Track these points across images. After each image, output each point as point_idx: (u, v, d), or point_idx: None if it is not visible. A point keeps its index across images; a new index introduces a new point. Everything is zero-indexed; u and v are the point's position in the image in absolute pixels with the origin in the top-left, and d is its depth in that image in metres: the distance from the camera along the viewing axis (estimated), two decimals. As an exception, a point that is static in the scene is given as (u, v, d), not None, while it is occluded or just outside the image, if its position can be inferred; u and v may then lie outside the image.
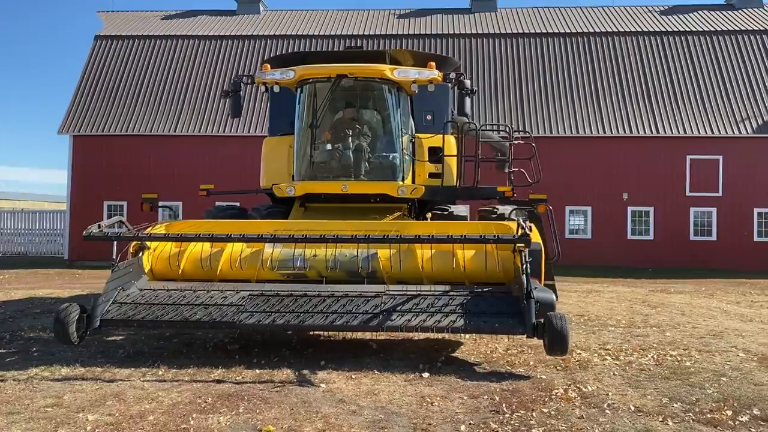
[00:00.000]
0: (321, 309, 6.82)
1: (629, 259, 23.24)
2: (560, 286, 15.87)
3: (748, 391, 5.93)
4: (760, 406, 5.46)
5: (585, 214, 23.92)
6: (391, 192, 9.19)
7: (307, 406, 5.23)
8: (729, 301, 13.05)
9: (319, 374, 6.31)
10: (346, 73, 8.91)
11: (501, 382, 6.09)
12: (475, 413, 5.15)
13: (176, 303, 7.03)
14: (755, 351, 7.81)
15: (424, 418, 4.99)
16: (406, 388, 5.86)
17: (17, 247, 28.98)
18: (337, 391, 5.69)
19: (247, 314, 6.76)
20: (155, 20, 29.61)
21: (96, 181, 25.14)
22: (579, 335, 8.83)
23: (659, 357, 7.41)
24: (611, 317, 10.50)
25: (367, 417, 5.00)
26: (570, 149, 23.85)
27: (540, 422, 4.94)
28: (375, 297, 7.00)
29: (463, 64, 25.92)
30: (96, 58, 27.15)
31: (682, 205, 23.57)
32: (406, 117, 9.65)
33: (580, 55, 25.68)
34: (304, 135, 9.29)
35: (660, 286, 16.62)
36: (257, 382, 5.97)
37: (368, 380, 6.11)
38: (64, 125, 25.40)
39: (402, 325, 6.58)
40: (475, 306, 6.83)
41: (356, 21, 28.60)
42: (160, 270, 7.94)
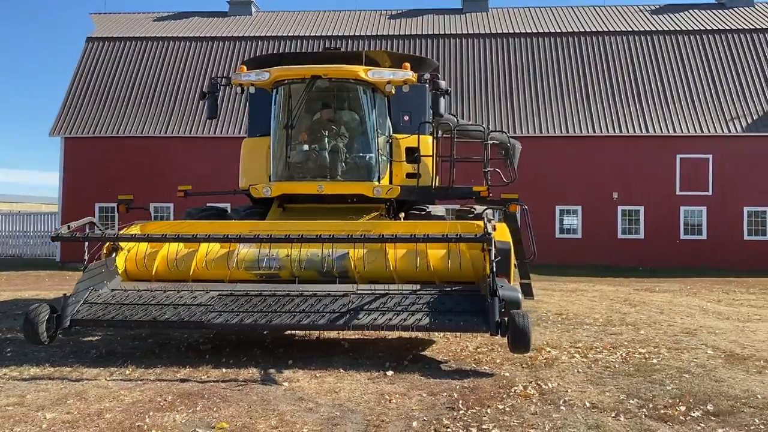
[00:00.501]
0: (289, 308, 6.88)
1: (619, 258, 23.29)
2: (547, 285, 16.04)
3: (707, 388, 5.99)
4: (715, 402, 5.52)
5: (575, 213, 23.97)
6: (366, 192, 9.25)
7: (266, 404, 5.29)
8: (711, 300, 13.11)
9: (284, 373, 6.37)
10: (320, 74, 8.98)
11: (463, 380, 6.15)
12: (431, 410, 5.21)
13: (146, 303, 7.09)
14: (724, 348, 7.87)
15: (379, 415, 5.05)
16: (367, 386, 5.92)
17: (11, 249, 29.06)
18: (299, 390, 5.76)
19: (215, 314, 6.82)
20: (147, 22, 29.68)
21: (88, 182, 25.21)
22: (553, 333, 8.90)
23: (628, 354, 7.47)
24: (589, 316, 10.56)
25: (323, 414, 5.06)
26: (560, 149, 23.91)
27: (493, 418, 5.00)
28: (343, 296, 7.06)
29: (453, 64, 26.03)
30: (88, 61, 27.22)
31: (672, 204, 23.62)
32: (382, 118, 9.71)
33: (571, 55, 25.74)
34: (280, 136, 9.36)
35: (646, 285, 16.69)
36: (221, 381, 6.03)
37: (332, 378, 6.17)
38: (56, 127, 25.47)
39: (368, 324, 6.65)
40: (442, 304, 6.89)
41: (347, 22, 28.67)
42: (134, 271, 8.00)
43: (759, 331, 9.14)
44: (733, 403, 5.52)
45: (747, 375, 6.56)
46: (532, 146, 24.03)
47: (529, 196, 23.83)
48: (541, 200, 23.86)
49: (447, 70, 25.77)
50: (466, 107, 24.91)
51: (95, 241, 7.35)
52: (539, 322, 9.84)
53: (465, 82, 25.50)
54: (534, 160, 23.99)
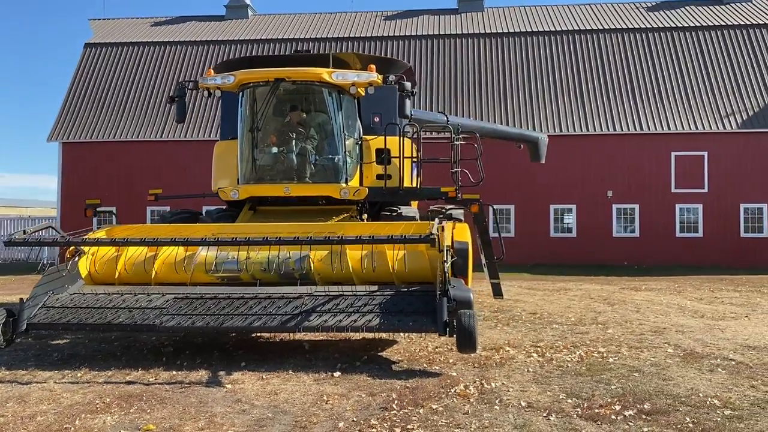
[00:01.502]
0: (242, 311, 6.93)
1: (614, 257, 23.20)
2: (534, 284, 16.01)
3: (652, 387, 5.98)
4: (653, 401, 5.51)
5: (570, 212, 23.88)
6: (333, 194, 9.29)
7: (201, 406, 5.34)
8: (693, 298, 13.03)
9: (233, 375, 6.42)
10: (283, 77, 9.03)
11: (408, 380, 6.17)
12: (364, 410, 5.24)
13: (102, 306, 7.17)
14: (686, 347, 7.84)
15: (310, 416, 5.08)
16: (311, 387, 5.96)
17: (19, 254, 29.25)
18: (240, 392, 5.80)
19: (169, 317, 6.88)
20: (145, 27, 29.89)
21: (85, 187, 25.38)
22: (519, 333, 8.89)
23: (586, 354, 7.46)
24: (563, 315, 10.54)
25: (254, 416, 5.10)
26: (554, 148, 23.70)
27: (422, 418, 5.02)
28: (297, 298, 7.10)
29: (449, 64, 26.01)
30: (85, 66, 27.46)
31: (668, 201, 23.49)
32: (351, 119, 9.73)
33: (565, 54, 25.66)
34: (247, 139, 9.42)
35: (635, 283, 16.60)
36: (167, 383, 6.09)
37: (278, 380, 6.21)
38: (53, 133, 25.71)
39: (318, 326, 6.69)
40: (394, 305, 6.92)
41: (343, 24, 28.74)
42: (99, 274, 8.09)
43: (727, 330, 9.08)
44: (672, 401, 5.51)
45: (698, 373, 6.53)
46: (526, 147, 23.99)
47: (523, 195, 23.88)
48: (535, 199, 23.84)
49: (441, 70, 25.80)
50: (461, 107, 24.88)
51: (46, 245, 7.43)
52: (509, 321, 9.84)
53: (460, 82, 25.49)
54: (528, 160, 23.95)
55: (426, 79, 25.60)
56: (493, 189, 23.88)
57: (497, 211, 10.39)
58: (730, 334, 8.77)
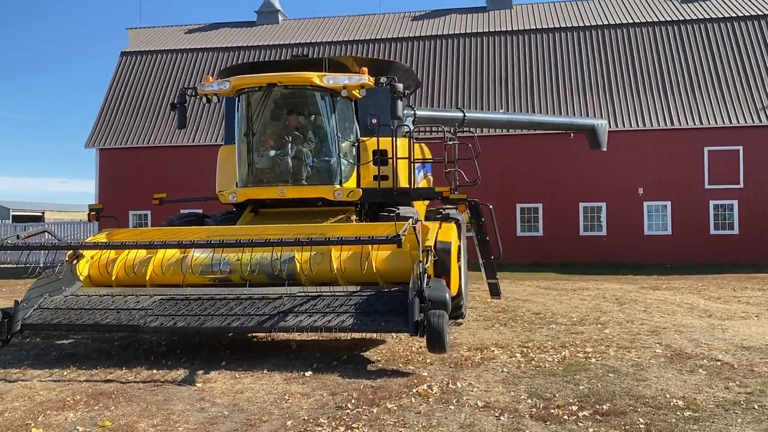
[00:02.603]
0: (222, 312, 7.10)
1: (646, 255, 22.69)
2: (553, 284, 15.81)
3: (620, 387, 5.89)
4: (615, 402, 5.44)
5: (599, 210, 23.46)
6: (327, 195, 9.41)
7: (164, 404, 5.51)
8: (711, 297, 12.68)
9: (210, 374, 6.58)
10: (275, 82, 9.19)
11: (376, 380, 6.23)
12: (319, 409, 5.32)
13: (93, 308, 7.44)
14: (676, 347, 7.68)
15: (263, 415, 5.20)
16: (278, 386, 6.07)
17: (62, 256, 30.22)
18: (207, 390, 5.96)
19: (153, 318, 7.11)
20: (179, 34, 30.62)
21: (122, 191, 26.17)
22: (513, 332, 8.84)
23: (571, 354, 7.38)
24: (567, 315, 10.41)
25: (210, 414, 5.24)
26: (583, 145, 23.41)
27: (372, 417, 5.07)
28: (277, 299, 7.24)
29: (476, 62, 25.86)
30: (121, 74, 28.31)
31: (701, 198, 22.85)
32: (348, 122, 9.82)
33: (594, 49, 25.23)
34: (243, 143, 9.61)
35: (659, 282, 16.23)
36: (143, 382, 6.30)
37: (250, 379, 6.35)
38: (91, 139, 26.58)
39: (293, 326, 6.81)
40: (370, 305, 6.99)
41: (371, 26, 28.88)
42: (96, 276, 8.40)
43: (729, 330, 8.84)
44: (634, 402, 5.43)
45: (676, 374, 6.41)
46: (553, 143, 23.71)
47: (551, 193, 23.60)
48: (563, 198, 23.52)
49: (468, 69, 25.68)
50: (488, 105, 24.71)
51: (36, 250, 7.74)
52: (508, 321, 9.77)
53: (487, 80, 25.32)
54: (556, 157, 23.67)
55: (452, 77, 25.54)
56: (520, 187, 23.79)
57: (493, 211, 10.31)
58: (730, 334, 8.54)
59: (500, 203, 23.75)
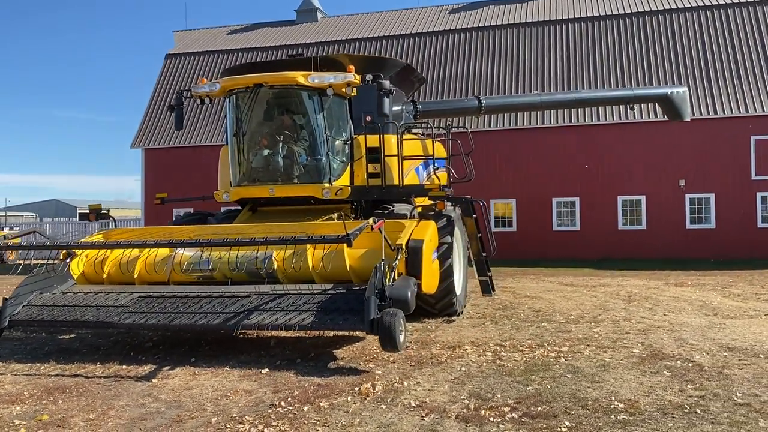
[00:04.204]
0: (192, 309, 7.29)
1: (688, 250, 21.85)
2: (575, 280, 15.43)
3: (569, 389, 5.76)
4: (553, 404, 5.33)
5: (639, 204, 22.73)
6: (315, 194, 9.51)
7: (110, 399, 5.71)
8: (731, 294, 12.13)
9: (174, 370, 6.78)
10: (262, 82, 9.32)
11: (328, 377, 6.28)
12: (252, 407, 5.41)
13: (76, 305, 7.76)
14: (656, 347, 7.43)
15: (196, 411, 5.32)
16: (229, 383, 6.20)
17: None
18: (159, 386, 6.14)
19: (127, 315, 7.35)
20: (222, 36, 31.28)
21: (165, 189, 26.84)
22: (498, 331, 8.70)
23: (543, 354, 7.24)
24: (566, 312, 10.17)
25: (146, 410, 5.40)
26: (620, 136, 22.78)
27: (298, 416, 5.13)
28: (245, 297, 7.38)
29: (511, 53, 25.40)
30: (166, 76, 29.14)
31: (747, 190, 21.82)
32: (338, 119, 9.88)
33: (635, 36, 24.40)
34: (235, 143, 9.80)
35: (689, 278, 15.59)
36: (105, 377, 6.54)
37: (207, 376, 6.50)
38: (137, 140, 27.51)
39: (255, 324, 6.94)
40: (333, 304, 7.04)
41: (408, 21, 28.77)
42: (90, 274, 8.76)
43: (725, 329, 8.47)
44: (572, 405, 5.30)
45: (638, 375, 6.21)
46: (590, 134, 23.15)
47: (588, 187, 23.02)
48: (601, 191, 22.91)
49: (503, 59, 25.29)
50: (524, 98, 24.25)
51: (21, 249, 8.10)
52: (501, 319, 9.62)
53: (522, 71, 24.85)
54: (592, 149, 23.08)
55: (488, 69, 25.18)
56: (554, 181, 23.30)
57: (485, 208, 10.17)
58: (723, 333, 8.18)
59: (535, 197, 23.48)
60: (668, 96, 14.93)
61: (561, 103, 16.90)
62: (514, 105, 16.36)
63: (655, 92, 16.07)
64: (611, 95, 17.01)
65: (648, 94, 16.05)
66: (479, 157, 23.96)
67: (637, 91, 16.42)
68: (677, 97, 14.84)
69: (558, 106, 17.96)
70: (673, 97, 14.84)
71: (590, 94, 17.73)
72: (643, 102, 16.84)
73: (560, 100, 16.63)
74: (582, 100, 16.66)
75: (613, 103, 18.07)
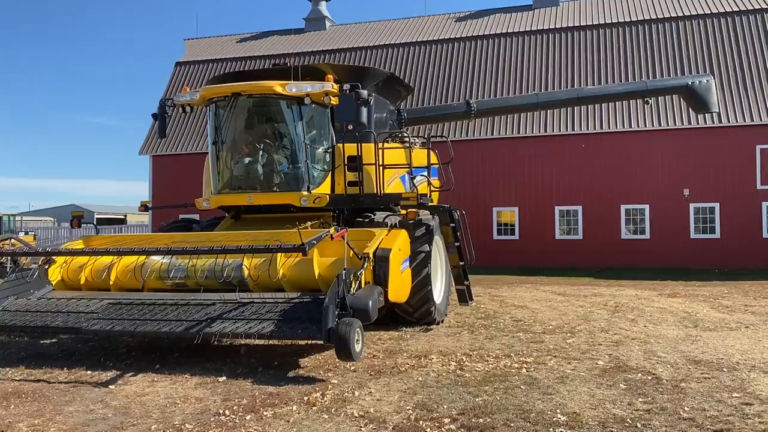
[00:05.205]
0: (158, 317, 7.37)
1: (693, 260, 21.58)
2: (568, 290, 15.31)
3: (517, 401, 5.75)
4: (496, 416, 5.33)
5: (642, 213, 22.52)
6: (293, 202, 9.57)
7: (63, 405, 5.80)
8: (720, 306, 11.95)
9: (137, 376, 6.86)
10: (240, 91, 9.42)
11: (282, 386, 6.32)
12: (197, 415, 5.47)
13: (48, 311, 7.88)
14: (622, 359, 7.38)
15: (141, 418, 5.39)
16: (183, 391, 6.26)
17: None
18: (114, 392, 6.22)
19: (95, 321, 7.46)
20: (231, 44, 31.58)
21: (173, 195, 27.14)
22: (470, 340, 8.67)
23: (507, 365, 7.22)
24: (546, 322, 10.11)
25: (94, 416, 5.49)
26: (625, 145, 22.60)
27: (237, 424, 5.18)
28: (210, 305, 7.44)
29: (518, 61, 25.30)
30: (175, 83, 29.46)
31: (753, 199, 21.53)
32: (320, 128, 9.94)
33: (639, 44, 24.24)
34: (215, 151, 9.90)
35: (682, 289, 15.41)
36: (65, 382, 6.64)
37: (164, 383, 6.56)
38: (145, 147, 27.82)
39: (216, 332, 6.98)
40: (294, 313, 7.08)
41: (414, 29, 28.83)
42: (68, 280, 8.89)
43: (699, 342, 8.38)
44: (513, 417, 5.29)
45: (592, 388, 6.18)
46: (593, 144, 22.99)
47: (591, 195, 22.87)
48: (604, 200, 22.74)
49: (508, 68, 25.24)
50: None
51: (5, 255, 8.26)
52: (478, 329, 9.58)
53: (527, 79, 24.78)
54: (595, 158, 22.92)
55: (493, 77, 25.14)
56: (559, 189, 23.18)
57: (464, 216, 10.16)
58: (695, 346, 8.10)
59: (537, 206, 23.36)
60: (690, 86, 14.18)
61: (562, 102, 16.19)
62: (508, 107, 15.92)
63: (674, 83, 15.21)
64: (620, 90, 15.92)
65: (666, 86, 15.31)
66: (482, 164, 24.06)
67: (653, 83, 15.67)
68: (700, 87, 14.10)
69: (559, 105, 17.15)
70: (695, 87, 14.11)
71: (595, 90, 16.26)
72: (660, 95, 16.07)
73: (561, 99, 15.98)
74: (585, 98, 15.61)
75: (623, 98, 16.88)
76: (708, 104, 14.28)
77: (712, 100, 14.36)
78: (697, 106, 14.52)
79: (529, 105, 15.28)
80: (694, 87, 14.17)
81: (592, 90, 16.30)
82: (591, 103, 18.67)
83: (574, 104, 18.15)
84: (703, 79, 14.42)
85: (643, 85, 15.54)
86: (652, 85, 15.43)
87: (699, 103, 14.31)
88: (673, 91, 15.27)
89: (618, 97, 16.22)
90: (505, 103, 16.16)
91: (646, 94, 14.70)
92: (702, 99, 14.17)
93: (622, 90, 15.91)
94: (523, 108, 16.10)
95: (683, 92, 14.56)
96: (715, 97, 14.48)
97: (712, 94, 14.38)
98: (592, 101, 17.15)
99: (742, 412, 5.37)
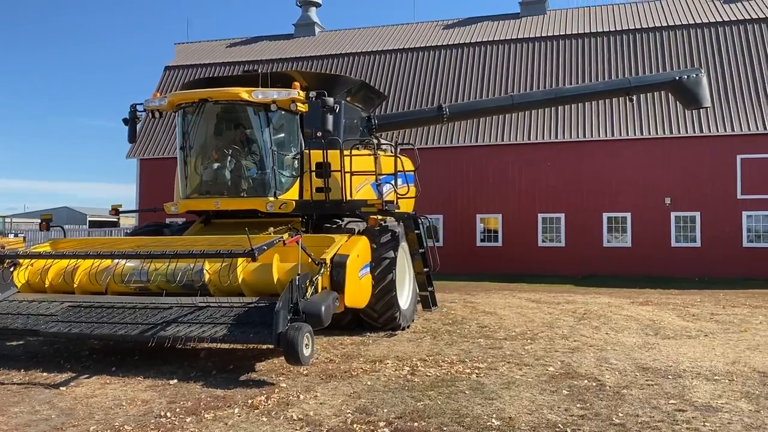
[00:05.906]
0: (115, 320, 7.47)
1: (674, 268, 21.74)
2: (544, 296, 15.42)
3: (457, 406, 5.86)
4: (431, 420, 5.43)
5: (624, 221, 22.67)
6: (260, 207, 9.67)
7: (10, 406, 5.91)
8: (687, 314, 12.06)
9: (91, 378, 6.96)
10: (206, 97, 9.53)
11: (230, 389, 6.42)
12: (140, 417, 5.56)
13: (8, 312, 7.97)
14: (573, 366, 7.49)
15: (82, 420, 5.49)
16: (131, 393, 6.35)
17: None
18: (64, 394, 6.32)
19: (53, 323, 7.55)
20: (221, 48, 31.72)
21: (161, 198, 27.20)
22: (429, 346, 8.76)
23: (458, 370, 7.32)
24: (511, 329, 10.22)
25: (38, 416, 5.58)
26: (608, 153, 22.77)
27: (175, 426, 5.27)
28: (167, 309, 7.54)
29: (505, 68, 25.46)
30: (164, 88, 29.56)
31: (733, 209, 21.69)
32: (289, 134, 10.05)
33: (624, 53, 24.43)
34: (183, 156, 10.01)
35: (655, 297, 15.52)
36: (23, 383, 6.76)
37: (116, 385, 6.65)
38: (132, 150, 27.91)
39: (170, 336, 7.07)
40: (248, 317, 7.18)
41: (403, 35, 29.00)
42: (33, 283, 8.96)
43: (653, 349, 8.50)
44: (450, 422, 5.39)
45: (535, 394, 6.28)
46: (577, 151, 23.15)
47: (572, 204, 23.01)
48: (585, 208, 22.89)
49: (494, 76, 25.40)
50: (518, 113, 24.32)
51: None
52: (441, 334, 9.68)
53: (513, 86, 24.93)
54: (578, 166, 23.07)
55: (478, 84, 25.29)
56: (541, 197, 23.32)
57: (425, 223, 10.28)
58: (649, 354, 8.21)
59: (520, 213, 23.50)
60: (678, 81, 13.80)
61: (540, 102, 15.68)
62: (482, 109, 15.74)
63: (661, 78, 14.81)
64: (601, 88, 15.50)
65: (653, 81, 14.83)
66: (466, 171, 24.20)
67: (637, 80, 15.22)
68: (690, 82, 13.72)
69: (537, 105, 16.61)
70: (684, 82, 13.73)
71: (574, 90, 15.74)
72: (647, 91, 15.53)
73: (538, 99, 15.56)
74: (564, 97, 15.19)
75: (605, 96, 16.36)
76: (699, 99, 13.91)
77: (704, 94, 13.99)
78: (687, 101, 14.18)
79: (505, 106, 14.98)
80: (683, 81, 13.82)
81: (571, 89, 15.95)
82: (570, 102, 18.10)
83: (552, 104, 17.52)
84: (693, 73, 14.08)
85: (626, 82, 15.01)
86: (636, 81, 14.95)
87: (689, 98, 13.97)
88: (660, 87, 14.85)
89: (599, 95, 15.78)
90: (478, 105, 16.10)
91: (630, 92, 14.26)
92: (692, 94, 13.83)
93: (603, 88, 15.54)
94: (498, 110, 15.73)
95: (672, 87, 14.17)
96: (706, 92, 14.11)
97: (703, 89, 14.02)
98: (572, 101, 16.75)
99: (673, 418, 5.47)
